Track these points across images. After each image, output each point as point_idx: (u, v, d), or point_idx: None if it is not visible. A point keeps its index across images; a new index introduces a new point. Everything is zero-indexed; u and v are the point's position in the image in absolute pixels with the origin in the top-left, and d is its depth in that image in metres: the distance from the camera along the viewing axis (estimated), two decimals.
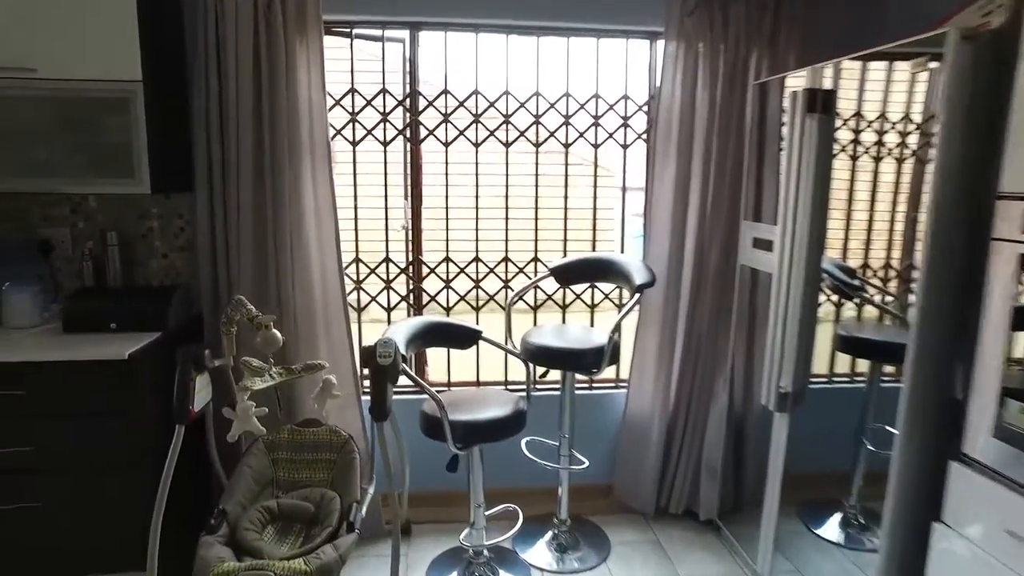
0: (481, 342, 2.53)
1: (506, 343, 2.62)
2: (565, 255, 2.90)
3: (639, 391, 2.84)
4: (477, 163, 2.77)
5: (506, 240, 2.87)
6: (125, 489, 2.15)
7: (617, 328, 2.34)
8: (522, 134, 2.79)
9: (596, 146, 2.83)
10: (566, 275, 2.69)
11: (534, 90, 2.72)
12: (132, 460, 2.15)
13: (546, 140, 2.80)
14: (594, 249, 2.94)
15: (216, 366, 2.06)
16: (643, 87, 2.77)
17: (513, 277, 2.89)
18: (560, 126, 2.78)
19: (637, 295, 2.41)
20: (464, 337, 2.53)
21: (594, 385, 2.99)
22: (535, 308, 2.93)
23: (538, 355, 2.43)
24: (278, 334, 2.00)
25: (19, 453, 2.11)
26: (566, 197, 2.89)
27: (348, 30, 2.61)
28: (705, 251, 2.70)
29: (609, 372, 2.99)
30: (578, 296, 2.93)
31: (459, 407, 2.29)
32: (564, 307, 2.95)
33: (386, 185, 2.78)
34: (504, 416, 2.26)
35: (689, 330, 2.75)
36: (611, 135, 2.81)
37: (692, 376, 2.79)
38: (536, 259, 2.88)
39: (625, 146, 2.84)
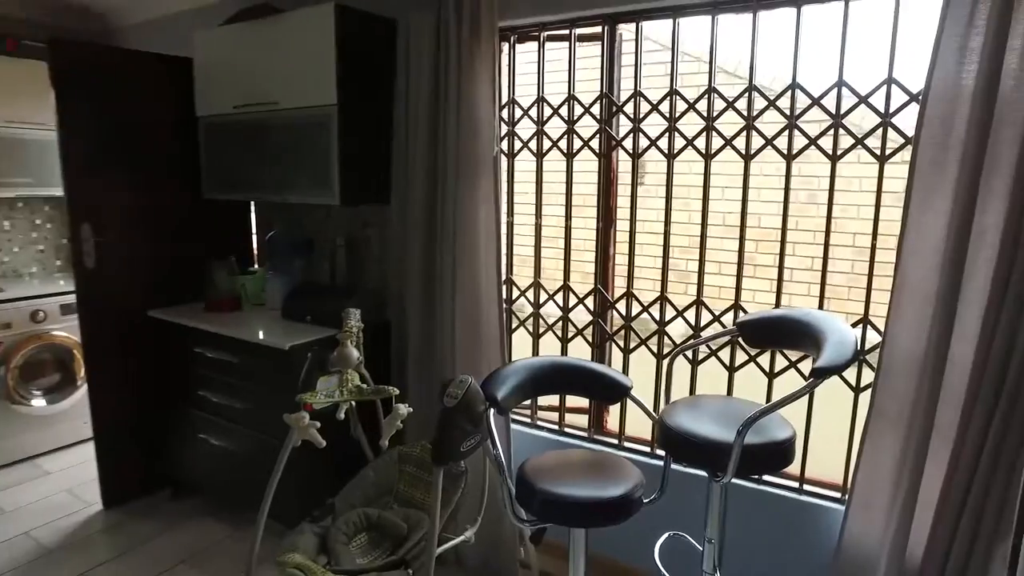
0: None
1: (659, 408, 2.07)
2: (778, 305, 2.13)
3: (865, 514, 1.91)
4: (670, 177, 2.25)
5: (699, 280, 2.25)
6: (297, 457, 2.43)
7: (750, 423, 1.60)
8: (728, 143, 2.13)
9: (834, 158, 1.97)
10: (755, 333, 1.96)
11: (745, 83, 2.05)
12: None
13: (762, 148, 2.08)
14: (821, 304, 2.07)
15: (340, 371, 2.20)
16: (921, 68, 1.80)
17: (707, 325, 2.25)
18: (782, 130, 2.02)
19: (812, 380, 1.60)
20: (605, 390, 2.09)
21: (804, 487, 2.13)
22: (731, 369, 2.23)
23: (661, 436, 1.84)
24: (354, 353, 2.01)
25: (232, 408, 2.65)
26: (785, 223, 2.10)
27: (537, 33, 2.40)
28: (1000, 334, 1.62)
29: (822, 473, 2.12)
30: (793, 364, 2.11)
31: (554, 472, 1.92)
32: (771, 375, 2.16)
33: (568, 202, 2.49)
34: (598, 499, 1.78)
35: (957, 450, 1.71)
36: (860, 141, 1.92)
37: (956, 519, 1.73)
38: (737, 307, 2.18)
39: (882, 157, 1.90)
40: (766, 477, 2.20)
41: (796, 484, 2.16)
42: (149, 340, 2.91)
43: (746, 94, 2.07)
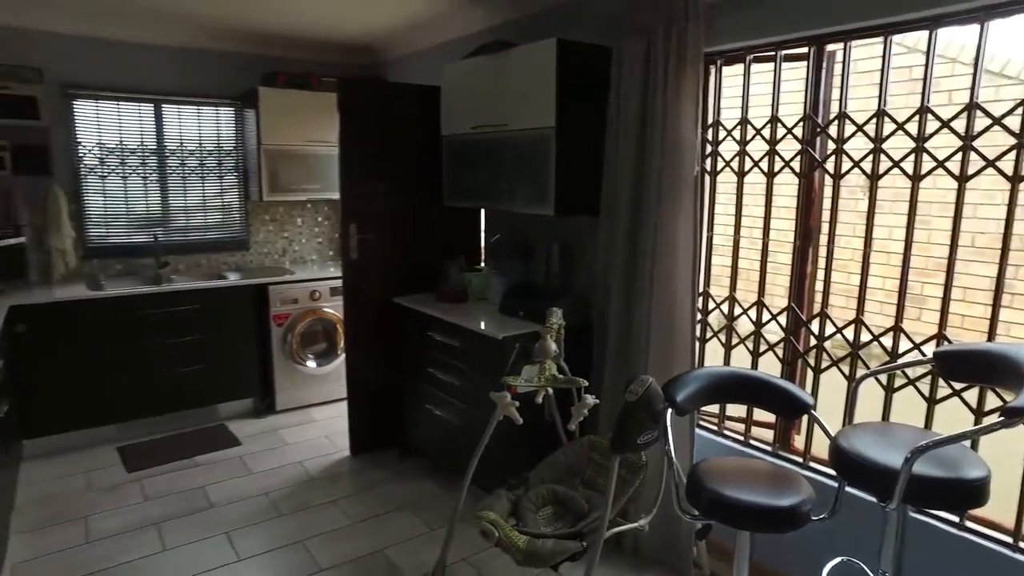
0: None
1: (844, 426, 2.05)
2: (991, 337, 1.98)
3: None
4: (872, 198, 2.20)
5: (899, 304, 2.16)
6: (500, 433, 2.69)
7: (920, 452, 1.56)
8: (940, 164, 2.02)
9: None
10: (953, 366, 1.86)
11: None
12: None
13: (981, 170, 1.95)
14: None
15: (540, 361, 2.51)
16: None
17: (906, 353, 2.16)
18: (1008, 151, 1.89)
19: (1001, 420, 1.53)
20: (785, 405, 2.14)
21: (1020, 545, 1.95)
22: (930, 401, 2.11)
23: (833, 456, 1.84)
24: (552, 346, 2.29)
25: (452, 385, 3.12)
26: (1005, 249, 1.94)
27: (743, 55, 2.48)
28: None
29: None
30: (1007, 405, 1.94)
31: (724, 474, 2.03)
32: (978, 412, 2.01)
33: (767, 221, 2.52)
34: (761, 504, 1.87)
35: None
36: None
37: None
38: (941, 336, 2.06)
39: None
40: (971, 524, 2.06)
41: (1010, 539, 1.99)
42: (392, 322, 3.53)
43: (964, 113, 1.97)
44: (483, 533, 2.16)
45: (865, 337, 2.28)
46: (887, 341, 2.22)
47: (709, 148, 2.67)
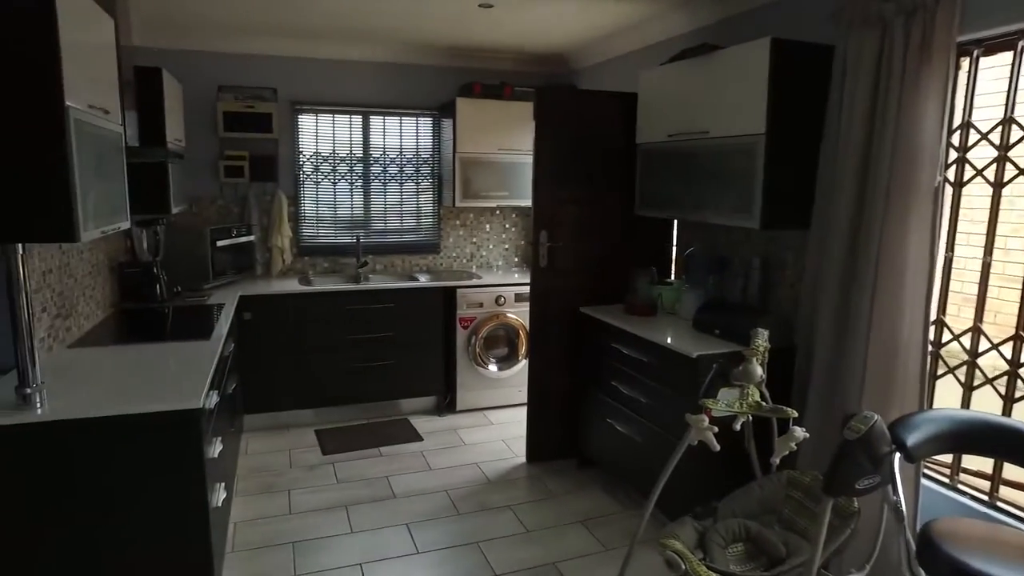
0: None
1: None
2: None
3: None
4: None
5: None
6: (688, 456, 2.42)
7: None
8: None
9: None
10: None
11: None
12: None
13: None
14: None
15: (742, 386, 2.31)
16: None
17: None
18: None
19: None
20: None
21: None
22: None
23: None
24: (758, 371, 2.08)
25: (637, 401, 2.99)
26: None
27: (1014, 41, 2.09)
28: None
29: None
30: None
31: (972, 542, 1.72)
32: None
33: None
34: None
35: None
36: None
37: None
38: None
39: None
40: None
41: None
42: (577, 332, 3.48)
43: None
44: (668, 563, 2.01)
45: None
46: None
47: (954, 155, 2.30)
